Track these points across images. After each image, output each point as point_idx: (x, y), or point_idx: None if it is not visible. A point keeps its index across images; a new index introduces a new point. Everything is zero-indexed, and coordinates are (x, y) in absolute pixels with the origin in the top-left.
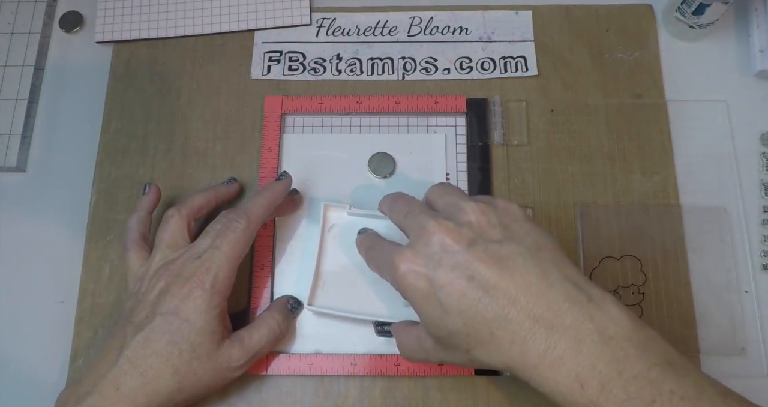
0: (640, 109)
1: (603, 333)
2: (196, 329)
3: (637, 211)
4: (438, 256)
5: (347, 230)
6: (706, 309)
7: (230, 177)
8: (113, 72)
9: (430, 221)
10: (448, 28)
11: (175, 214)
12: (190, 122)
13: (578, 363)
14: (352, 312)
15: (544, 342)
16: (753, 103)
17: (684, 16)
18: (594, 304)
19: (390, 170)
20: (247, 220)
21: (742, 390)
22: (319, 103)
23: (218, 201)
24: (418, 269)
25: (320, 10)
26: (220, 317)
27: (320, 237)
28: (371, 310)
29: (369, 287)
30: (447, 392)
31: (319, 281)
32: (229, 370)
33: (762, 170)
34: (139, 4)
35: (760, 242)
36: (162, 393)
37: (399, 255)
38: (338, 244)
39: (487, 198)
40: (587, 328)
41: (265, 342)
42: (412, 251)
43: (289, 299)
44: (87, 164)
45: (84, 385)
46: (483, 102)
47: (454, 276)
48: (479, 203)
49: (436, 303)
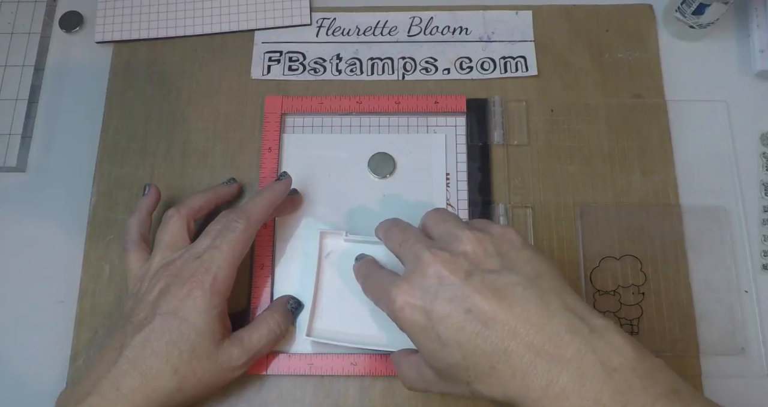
0: (640, 109)
1: (606, 364)
2: (195, 329)
3: (637, 211)
4: (434, 288)
5: (344, 256)
6: (706, 309)
7: (230, 177)
8: (113, 72)
9: (426, 251)
10: (448, 28)
11: (175, 214)
12: (190, 122)
13: (582, 397)
14: (351, 341)
15: (546, 376)
16: (753, 103)
17: (684, 16)
18: (596, 334)
19: (390, 170)
20: (247, 220)
21: (742, 390)
22: (319, 103)
23: (218, 201)
24: (414, 302)
25: (320, 10)
26: (219, 317)
27: (317, 265)
28: (370, 337)
29: (368, 314)
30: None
31: (317, 310)
32: (229, 370)
33: (762, 170)
34: (139, 4)
35: (760, 242)
36: (162, 393)
37: (395, 288)
38: (336, 271)
39: (484, 224)
40: (590, 360)
41: (265, 341)
42: (408, 283)
43: (289, 299)
44: (87, 164)
45: (84, 386)
46: (483, 102)
47: (451, 309)
48: (475, 232)
49: (434, 336)
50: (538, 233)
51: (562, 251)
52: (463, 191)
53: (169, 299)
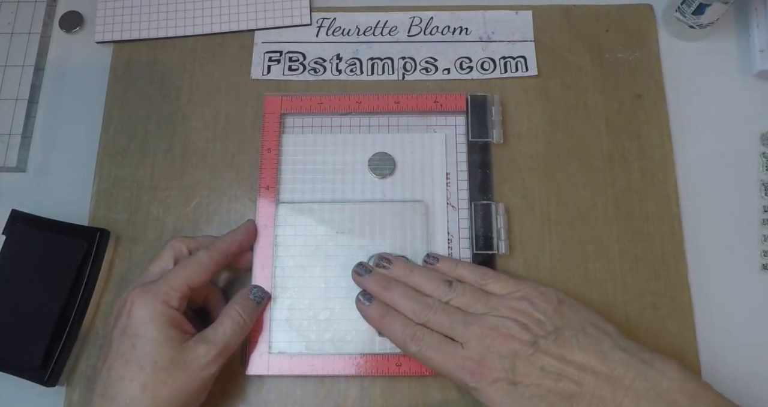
0: (640, 109)
1: (657, 388)
2: (149, 340)
3: (637, 211)
4: (510, 361)
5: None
6: (706, 310)
7: None
8: (113, 72)
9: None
10: (448, 28)
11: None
12: (190, 122)
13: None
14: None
15: (613, 402)
16: (753, 103)
17: (684, 16)
18: (646, 364)
19: (390, 170)
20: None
21: None
22: (318, 103)
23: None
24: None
25: (320, 10)
26: (171, 323)
27: None
28: (346, 341)
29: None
30: (447, 392)
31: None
32: (200, 369)
33: (762, 170)
34: (139, 4)
35: (760, 242)
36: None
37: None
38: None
39: (522, 294)
40: (644, 386)
41: (231, 333)
42: (486, 367)
43: (252, 288)
44: (87, 164)
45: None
46: (483, 99)
47: (529, 372)
48: (522, 302)
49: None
50: (539, 233)
51: (562, 251)
52: (464, 190)
53: (120, 321)
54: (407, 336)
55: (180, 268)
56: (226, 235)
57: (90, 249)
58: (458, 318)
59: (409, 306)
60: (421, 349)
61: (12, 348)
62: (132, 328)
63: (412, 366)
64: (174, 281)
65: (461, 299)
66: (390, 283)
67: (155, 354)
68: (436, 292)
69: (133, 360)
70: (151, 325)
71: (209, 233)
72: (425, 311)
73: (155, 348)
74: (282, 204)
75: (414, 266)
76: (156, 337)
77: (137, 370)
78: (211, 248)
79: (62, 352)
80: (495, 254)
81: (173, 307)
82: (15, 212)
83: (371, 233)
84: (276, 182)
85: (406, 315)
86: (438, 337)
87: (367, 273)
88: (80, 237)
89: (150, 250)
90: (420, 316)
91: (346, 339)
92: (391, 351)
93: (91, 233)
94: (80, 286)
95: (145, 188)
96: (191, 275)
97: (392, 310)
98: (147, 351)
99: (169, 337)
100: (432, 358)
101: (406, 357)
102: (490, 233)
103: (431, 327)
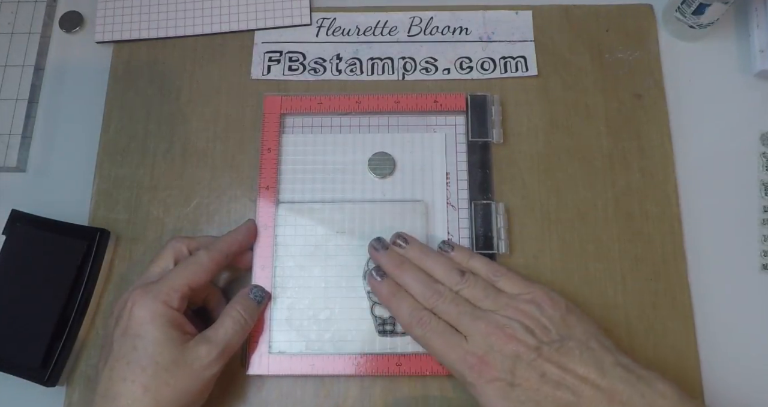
0: (640, 109)
1: (653, 406)
2: (151, 341)
3: (637, 211)
4: (512, 362)
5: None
6: (706, 310)
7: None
8: (113, 72)
9: (498, 331)
10: (448, 28)
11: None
12: (190, 122)
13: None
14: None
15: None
16: (753, 103)
17: (684, 16)
18: (643, 382)
19: (390, 170)
20: (209, 257)
21: None
22: (318, 103)
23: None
24: (497, 375)
25: (320, 10)
26: (172, 324)
27: None
28: (346, 341)
29: (338, 316)
30: (447, 392)
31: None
32: (202, 369)
33: (762, 170)
34: (139, 4)
35: (760, 242)
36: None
37: (472, 372)
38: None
39: (531, 297)
40: (640, 404)
41: (232, 333)
42: (486, 365)
43: (252, 288)
44: (87, 164)
45: None
46: (483, 99)
47: (529, 376)
48: (530, 306)
49: (513, 397)
50: (539, 233)
51: (562, 251)
52: (464, 190)
53: (121, 322)
54: (414, 319)
55: (180, 268)
56: (227, 235)
57: (90, 249)
58: (466, 310)
59: (419, 290)
60: (425, 333)
61: (12, 348)
62: (133, 329)
63: (412, 366)
64: (174, 281)
65: (471, 291)
66: (404, 263)
67: (156, 355)
68: (447, 280)
69: (134, 361)
70: (152, 326)
71: (209, 233)
72: (434, 297)
73: (156, 349)
74: (282, 204)
75: (429, 250)
76: (157, 338)
77: (139, 371)
78: (212, 249)
79: (62, 352)
80: (495, 253)
81: (174, 307)
82: (15, 212)
83: (371, 233)
84: (276, 182)
85: (416, 297)
86: (444, 325)
87: (383, 249)
88: (80, 237)
89: (150, 250)
90: (429, 301)
91: (346, 338)
92: (391, 351)
93: (91, 233)
94: (80, 286)
95: (145, 188)
96: (191, 276)
97: (402, 290)
98: (148, 351)
99: (170, 338)
100: (435, 345)
101: (406, 357)
102: (490, 233)
103: (438, 314)
